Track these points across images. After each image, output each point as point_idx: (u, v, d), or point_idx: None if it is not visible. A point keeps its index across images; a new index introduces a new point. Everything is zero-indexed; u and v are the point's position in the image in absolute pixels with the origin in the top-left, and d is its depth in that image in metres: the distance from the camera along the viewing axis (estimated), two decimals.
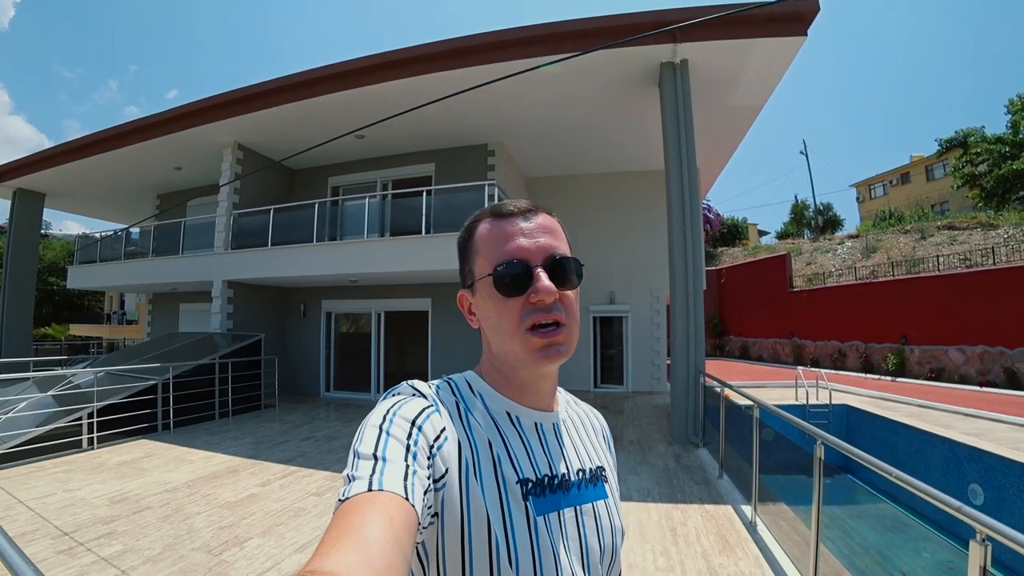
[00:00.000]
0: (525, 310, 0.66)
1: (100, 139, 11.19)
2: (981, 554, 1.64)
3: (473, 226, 0.75)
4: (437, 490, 0.59)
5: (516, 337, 0.67)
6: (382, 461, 0.54)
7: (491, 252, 0.70)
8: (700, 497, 4.72)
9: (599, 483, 0.75)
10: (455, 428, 0.65)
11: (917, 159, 31.62)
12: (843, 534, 5.23)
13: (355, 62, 8.43)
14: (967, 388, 10.83)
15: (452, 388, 0.72)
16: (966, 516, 1.72)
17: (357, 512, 0.47)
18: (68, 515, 4.15)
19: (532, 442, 0.70)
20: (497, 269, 0.67)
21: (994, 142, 20.03)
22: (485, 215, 0.74)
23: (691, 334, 6.97)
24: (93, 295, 28.79)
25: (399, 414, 0.61)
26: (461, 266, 0.76)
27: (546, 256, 0.69)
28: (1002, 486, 5.57)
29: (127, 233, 12.38)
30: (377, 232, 9.72)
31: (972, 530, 1.67)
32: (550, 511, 0.66)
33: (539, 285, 0.66)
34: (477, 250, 0.72)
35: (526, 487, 0.65)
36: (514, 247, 0.68)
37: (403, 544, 0.46)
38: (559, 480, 0.69)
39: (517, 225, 0.70)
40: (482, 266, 0.70)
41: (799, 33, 6.78)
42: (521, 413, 0.72)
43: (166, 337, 10.72)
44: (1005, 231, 15.10)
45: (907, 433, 7.26)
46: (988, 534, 1.61)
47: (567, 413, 0.80)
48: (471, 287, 0.73)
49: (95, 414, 6.51)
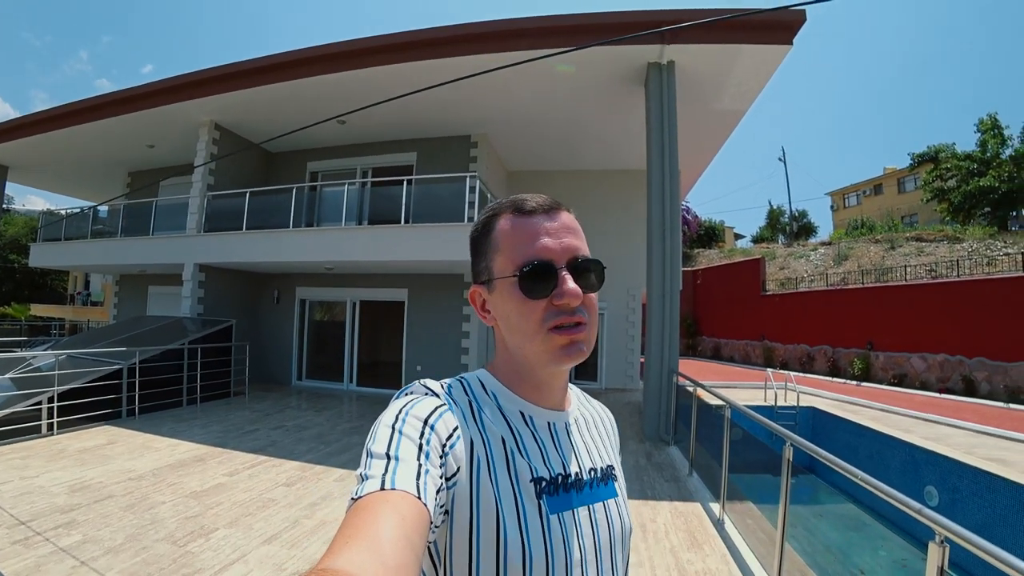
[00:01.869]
0: (548, 312, 0.66)
1: (69, 111, 10.72)
2: (940, 555, 1.69)
3: (492, 221, 0.72)
4: (449, 488, 0.59)
5: (537, 337, 0.66)
6: (395, 460, 0.54)
7: (514, 251, 0.68)
8: (670, 494, 4.79)
9: (610, 482, 0.76)
10: (468, 427, 0.65)
11: (890, 171, 32.53)
12: (806, 532, 5.37)
13: (340, 45, 8.25)
14: (927, 394, 11.23)
15: (464, 387, 0.72)
16: (926, 518, 1.77)
17: (370, 511, 0.47)
18: (25, 503, 4.00)
19: (545, 441, 0.70)
20: (523, 271, 0.66)
21: (963, 159, 20.70)
22: (505, 209, 0.72)
23: (666, 333, 7.06)
24: (57, 274, 27.77)
25: (412, 413, 0.61)
26: (475, 261, 0.74)
27: (571, 257, 0.68)
28: (956, 488, 5.79)
29: (95, 211, 11.95)
30: (355, 220, 9.58)
31: (932, 532, 1.73)
32: (564, 510, 0.66)
33: (565, 288, 0.65)
34: (497, 247, 0.70)
35: (540, 486, 0.65)
36: (540, 247, 0.67)
37: (415, 543, 0.46)
38: (572, 479, 0.69)
39: (541, 223, 0.69)
40: (502, 264, 0.69)
41: (785, 42, 6.88)
42: (535, 413, 0.72)
43: (133, 320, 10.41)
44: (970, 245, 15.66)
45: (869, 436, 7.50)
46: (947, 536, 1.66)
47: (579, 412, 0.80)
48: (486, 284, 0.72)
49: (56, 398, 6.28)
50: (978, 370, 11.14)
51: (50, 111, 11.12)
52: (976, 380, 11.10)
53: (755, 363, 17.40)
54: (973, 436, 7.03)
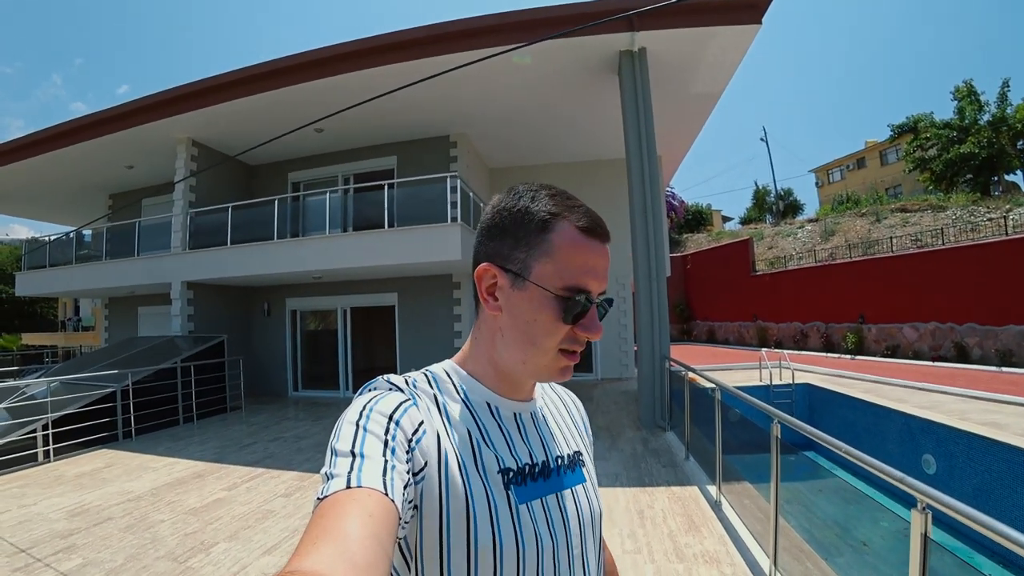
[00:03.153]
0: (568, 337, 0.66)
1: (46, 137, 10.64)
2: (922, 521, 1.73)
3: (552, 221, 0.67)
4: (416, 484, 0.59)
5: (549, 355, 0.67)
6: (360, 458, 0.53)
7: (568, 268, 0.65)
8: (667, 480, 4.83)
9: (577, 468, 0.76)
10: (433, 421, 0.65)
11: (871, 144, 32.74)
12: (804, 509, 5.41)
13: (310, 54, 8.23)
14: (920, 363, 11.35)
15: (430, 380, 0.71)
16: (908, 486, 1.80)
17: (336, 510, 0.47)
18: (24, 531, 3.98)
19: (511, 432, 0.70)
20: (575, 298, 0.65)
21: (942, 127, 20.85)
22: (573, 217, 0.68)
23: (655, 320, 7.10)
24: (45, 302, 27.56)
25: (376, 409, 0.60)
26: (506, 243, 0.68)
27: (601, 294, 0.68)
28: (952, 454, 5.86)
29: (78, 235, 11.84)
30: (340, 227, 9.57)
31: (915, 500, 1.76)
32: (532, 499, 0.66)
33: (595, 326, 0.67)
34: (549, 252, 0.66)
35: (507, 476, 0.65)
36: (592, 279, 0.66)
37: (384, 541, 0.46)
38: (540, 467, 0.70)
39: (598, 251, 0.68)
40: (549, 273, 0.65)
41: (754, 21, 6.91)
42: (501, 404, 0.72)
43: (125, 342, 10.35)
44: (953, 212, 15.78)
45: (865, 408, 7.57)
46: (928, 503, 1.69)
47: (543, 400, 0.80)
48: (514, 275, 0.67)
49: (50, 425, 6.25)
50: (969, 336, 11.26)
51: (27, 138, 11.04)
52: (968, 346, 11.23)
53: (749, 344, 17.51)
54: (966, 402, 7.11)
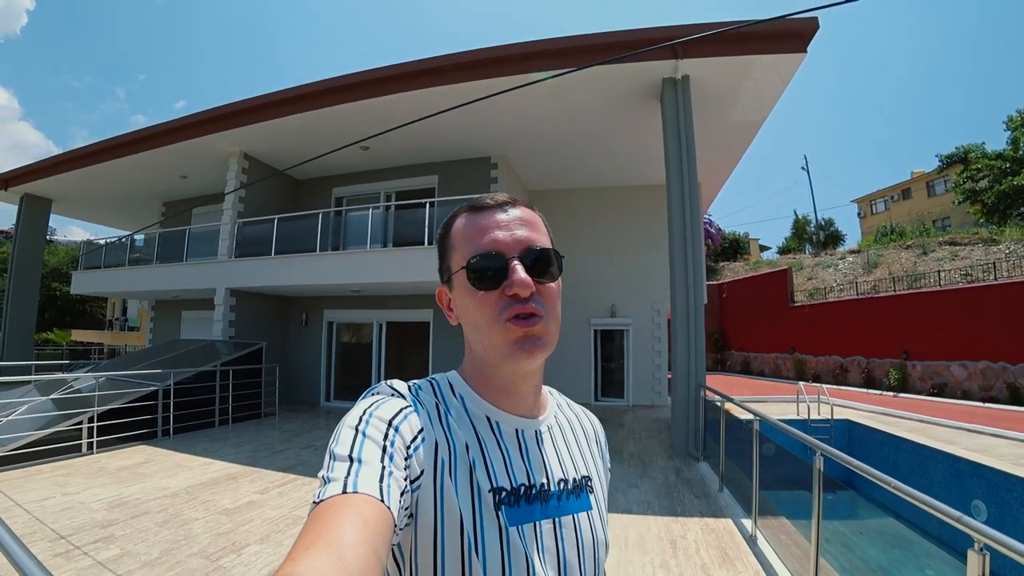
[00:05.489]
0: (502, 303, 0.64)
1: (108, 146, 11.30)
2: (979, 563, 1.64)
3: (451, 221, 0.73)
4: (413, 491, 0.58)
5: (495, 328, 0.64)
6: (357, 463, 0.53)
7: (467, 246, 0.68)
8: (700, 510, 4.70)
9: (583, 494, 0.72)
10: (433, 429, 0.63)
11: (918, 175, 31.76)
12: (845, 549, 5.18)
13: (359, 75, 8.53)
14: (970, 404, 10.78)
15: (433, 388, 0.71)
16: (964, 526, 1.72)
17: (331, 515, 0.47)
18: (66, 518, 4.15)
19: (511, 449, 0.68)
20: (470, 262, 0.66)
21: (994, 158, 20.14)
22: (463, 210, 0.73)
23: (692, 348, 6.97)
24: (95, 301, 28.86)
25: (376, 415, 0.60)
26: (440, 262, 0.75)
27: (523, 248, 0.67)
28: (1005, 502, 5.53)
29: (131, 240, 12.46)
30: (380, 243, 9.77)
31: (971, 540, 1.68)
32: (524, 522, 0.63)
33: (515, 278, 0.64)
34: (453, 244, 0.71)
35: (499, 496, 0.63)
36: (489, 240, 0.67)
37: (377, 548, 0.45)
38: (537, 490, 0.66)
39: (494, 217, 0.69)
40: (457, 260, 0.69)
41: (799, 50, 6.86)
42: (502, 419, 0.69)
43: (168, 344, 10.74)
44: (1007, 246, 15.12)
45: (909, 448, 7.22)
46: (986, 543, 1.61)
47: (556, 419, 0.77)
48: (448, 282, 0.72)
49: (95, 419, 6.52)
50: (1023, 376, 10.66)
51: (90, 147, 11.71)
52: (1022, 387, 10.62)
53: (786, 376, 16.97)
54: (1021, 447, 6.72)
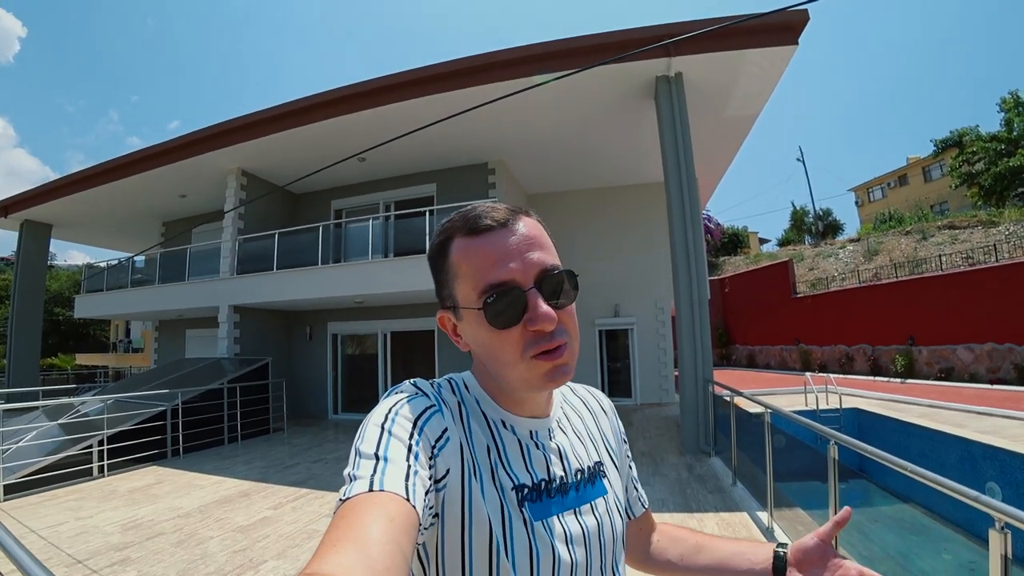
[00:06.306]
0: (526, 339, 0.61)
1: (105, 169, 11.36)
2: (1001, 542, 1.63)
3: (446, 243, 0.67)
4: (438, 491, 0.58)
5: (520, 366, 0.62)
6: (383, 461, 0.53)
7: (474, 278, 0.62)
8: (715, 505, 4.69)
9: (598, 480, 0.73)
10: (457, 429, 0.63)
11: (914, 160, 31.77)
12: (863, 537, 5.16)
13: (354, 87, 8.58)
14: (977, 386, 10.75)
15: (454, 388, 0.70)
16: (984, 505, 1.71)
17: (357, 513, 0.47)
18: (81, 543, 4.14)
19: (529, 447, 0.68)
20: (487, 302, 0.60)
21: (989, 140, 20.16)
22: (457, 230, 0.65)
23: (698, 343, 6.97)
24: (99, 324, 28.90)
25: (401, 413, 0.60)
26: (438, 286, 0.69)
27: (538, 274, 0.62)
28: (1020, 482, 5.52)
29: (133, 261, 12.49)
30: (381, 253, 9.81)
31: (991, 520, 1.67)
32: (548, 516, 0.64)
33: (539, 313, 0.60)
34: (456, 273, 0.65)
35: (522, 493, 0.63)
36: (503, 272, 0.61)
37: (403, 546, 0.46)
38: (557, 484, 0.67)
39: (501, 242, 0.63)
40: (466, 293, 0.64)
41: (790, 42, 6.90)
42: (516, 423, 0.69)
43: (173, 363, 10.74)
44: (1006, 228, 15.11)
45: (920, 434, 7.21)
46: (1007, 521, 1.60)
47: (563, 410, 0.77)
48: (453, 310, 0.67)
49: (105, 442, 6.52)
50: None
51: (89, 170, 11.76)
52: None
53: (792, 368, 16.94)
54: None
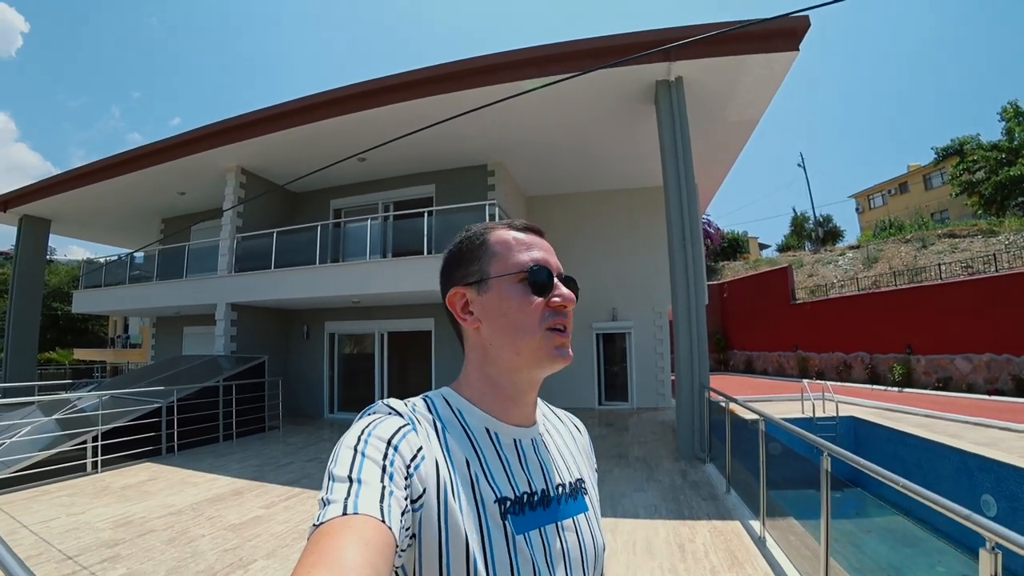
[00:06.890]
0: (546, 312, 0.69)
1: (105, 166, 11.35)
2: (991, 562, 1.62)
3: (485, 233, 0.76)
4: (415, 511, 0.57)
5: (538, 334, 0.69)
6: (357, 483, 0.53)
7: (516, 255, 0.72)
8: (708, 513, 4.67)
9: (579, 496, 0.74)
10: (432, 447, 0.63)
11: (915, 168, 31.81)
12: (856, 549, 5.16)
13: (354, 87, 8.58)
14: (975, 397, 10.75)
15: (428, 405, 0.70)
16: (975, 524, 1.70)
17: (332, 537, 0.46)
18: (72, 539, 4.13)
19: (511, 459, 0.69)
20: (532, 268, 0.70)
21: (990, 149, 20.20)
22: (499, 226, 0.77)
23: (695, 349, 6.96)
24: (97, 319, 28.88)
25: (374, 434, 0.59)
26: (460, 268, 0.76)
27: (559, 271, 0.74)
28: (1015, 496, 5.50)
29: (131, 258, 12.48)
30: (379, 253, 9.80)
31: (982, 539, 1.66)
32: (530, 529, 0.64)
33: (563, 291, 0.71)
34: (495, 252, 0.73)
35: (504, 506, 0.63)
36: (540, 256, 0.73)
37: (379, 569, 0.45)
38: (539, 497, 0.68)
39: (538, 242, 0.75)
40: (502, 266, 0.72)
41: (791, 48, 6.89)
42: (500, 430, 0.70)
43: (170, 360, 10.73)
44: (1006, 237, 15.11)
45: (916, 444, 7.20)
46: (998, 542, 1.60)
47: (544, 426, 0.79)
48: (476, 284, 0.73)
49: (99, 437, 6.50)
50: None
51: (89, 166, 11.77)
52: None
53: (789, 374, 16.94)
54: None
